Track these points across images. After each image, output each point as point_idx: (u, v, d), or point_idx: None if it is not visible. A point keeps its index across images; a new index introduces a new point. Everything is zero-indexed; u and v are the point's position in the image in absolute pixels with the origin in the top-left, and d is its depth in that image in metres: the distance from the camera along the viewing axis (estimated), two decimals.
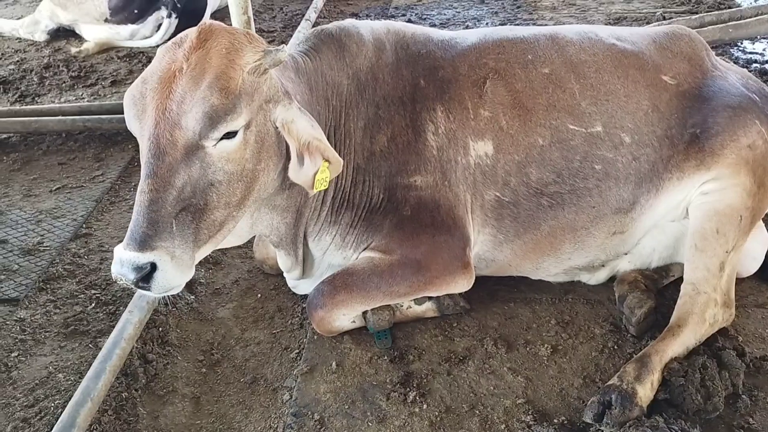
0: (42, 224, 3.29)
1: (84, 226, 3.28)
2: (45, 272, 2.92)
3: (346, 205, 2.37)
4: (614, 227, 2.44)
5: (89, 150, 3.99)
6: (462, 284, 2.41)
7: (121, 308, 2.66)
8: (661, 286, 2.60)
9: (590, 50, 2.48)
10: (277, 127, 2.01)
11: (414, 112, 2.36)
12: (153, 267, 1.76)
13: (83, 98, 4.73)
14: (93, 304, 2.73)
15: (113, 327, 2.40)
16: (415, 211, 2.34)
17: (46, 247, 3.11)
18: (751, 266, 2.60)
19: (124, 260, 1.75)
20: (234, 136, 1.88)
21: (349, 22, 2.45)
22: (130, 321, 2.35)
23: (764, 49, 4.94)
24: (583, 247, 2.48)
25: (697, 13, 5.56)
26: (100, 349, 2.29)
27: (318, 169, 2.02)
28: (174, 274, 1.80)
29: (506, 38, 2.51)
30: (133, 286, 1.78)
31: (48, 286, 2.86)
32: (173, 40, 1.96)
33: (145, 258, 1.75)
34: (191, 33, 1.92)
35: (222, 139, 1.85)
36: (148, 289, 1.79)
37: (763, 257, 2.60)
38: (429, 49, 2.46)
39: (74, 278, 2.90)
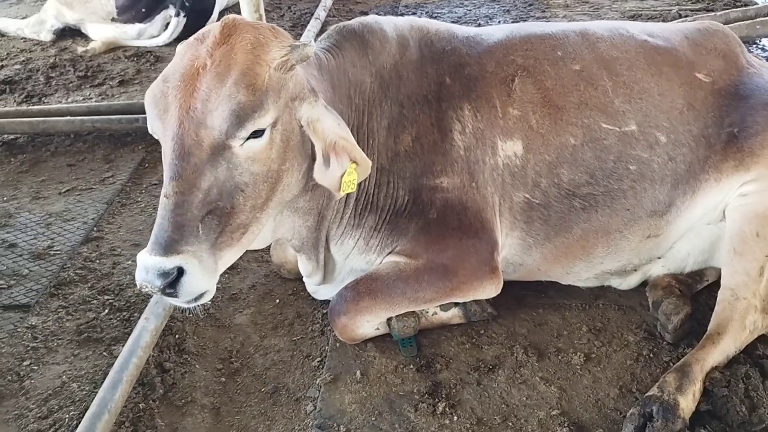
0: (52, 227, 3.20)
1: (95, 229, 3.19)
2: (56, 277, 2.83)
3: (370, 207, 2.28)
4: (649, 230, 2.35)
5: (98, 151, 3.89)
6: (490, 289, 2.32)
7: (136, 314, 2.57)
8: (696, 291, 2.51)
9: (622, 47, 2.40)
10: (302, 126, 1.93)
11: (440, 111, 2.28)
12: (180, 272, 1.68)
13: (90, 98, 4.64)
14: (106, 311, 2.64)
15: (127, 334, 2.33)
16: (442, 214, 2.25)
17: (57, 251, 3.02)
18: None
19: (149, 266, 1.66)
20: (261, 135, 1.80)
21: (371, 18, 2.37)
22: (147, 328, 2.26)
23: None
24: (616, 251, 2.38)
25: (713, 10, 5.47)
26: (115, 357, 2.21)
27: (345, 171, 1.94)
28: (202, 278, 1.71)
29: (534, 34, 2.43)
30: (159, 294, 1.69)
31: (59, 291, 2.76)
32: (195, 36, 1.88)
33: (171, 263, 1.66)
34: (214, 28, 1.84)
35: (249, 138, 1.77)
36: (175, 296, 1.70)
37: None
38: (454, 46, 2.37)
39: (86, 283, 2.81)
